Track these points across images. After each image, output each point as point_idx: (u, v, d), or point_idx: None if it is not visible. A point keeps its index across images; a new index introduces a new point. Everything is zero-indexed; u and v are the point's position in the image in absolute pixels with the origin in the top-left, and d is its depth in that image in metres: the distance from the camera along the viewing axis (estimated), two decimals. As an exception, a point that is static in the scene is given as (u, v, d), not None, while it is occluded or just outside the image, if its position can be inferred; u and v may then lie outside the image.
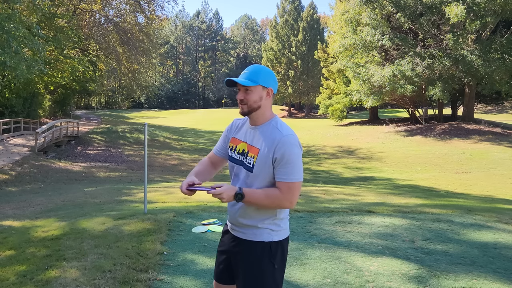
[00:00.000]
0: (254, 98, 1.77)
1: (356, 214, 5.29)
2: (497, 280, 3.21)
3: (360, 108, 41.57)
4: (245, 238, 1.82)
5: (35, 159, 15.13)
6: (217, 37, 77.28)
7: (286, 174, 1.71)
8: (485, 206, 6.48)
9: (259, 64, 1.72)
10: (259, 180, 1.77)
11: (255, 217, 1.79)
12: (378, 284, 3.14)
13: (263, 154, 1.74)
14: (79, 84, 28.81)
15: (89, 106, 58.54)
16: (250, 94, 1.77)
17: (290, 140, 1.72)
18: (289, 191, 1.72)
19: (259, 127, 1.81)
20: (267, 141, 1.75)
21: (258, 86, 1.77)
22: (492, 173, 14.11)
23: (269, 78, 1.80)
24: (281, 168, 1.71)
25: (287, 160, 1.71)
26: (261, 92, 1.79)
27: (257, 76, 1.77)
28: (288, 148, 1.71)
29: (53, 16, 19.82)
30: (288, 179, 1.71)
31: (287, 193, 1.72)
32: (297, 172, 1.73)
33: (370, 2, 22.59)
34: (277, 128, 1.77)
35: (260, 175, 1.76)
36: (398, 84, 22.02)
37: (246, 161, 1.80)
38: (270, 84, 1.80)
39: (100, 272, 3.23)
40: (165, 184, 10.45)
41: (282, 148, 1.70)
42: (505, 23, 22.31)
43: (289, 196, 1.72)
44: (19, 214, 6.33)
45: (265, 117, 1.82)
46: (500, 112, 39.25)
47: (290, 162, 1.71)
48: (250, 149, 1.80)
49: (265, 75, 1.79)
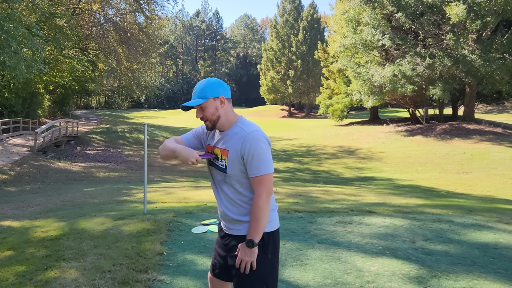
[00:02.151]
0: (211, 111, 1.88)
1: (357, 214, 5.28)
2: (498, 280, 3.20)
3: (361, 108, 41.54)
4: (239, 234, 1.93)
5: (34, 159, 15.12)
6: (217, 36, 77.33)
7: (256, 168, 1.82)
8: (485, 206, 6.47)
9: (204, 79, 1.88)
10: (235, 179, 1.89)
11: (246, 213, 1.91)
12: (379, 284, 3.12)
13: (232, 154, 1.86)
14: (78, 84, 28.83)
15: (89, 106, 58.58)
16: (205, 110, 1.88)
17: (254, 136, 1.83)
18: (262, 184, 1.83)
19: (227, 131, 1.93)
20: (234, 141, 1.87)
21: (209, 99, 1.87)
22: (493, 173, 14.10)
23: (215, 88, 1.88)
24: (250, 164, 1.83)
25: (253, 155, 1.81)
26: (214, 103, 1.88)
27: (204, 92, 1.87)
28: (253, 144, 1.82)
29: (53, 15, 19.79)
30: (258, 173, 1.83)
31: (261, 186, 1.84)
32: (266, 165, 1.84)
33: (371, 2, 22.57)
34: (241, 128, 1.89)
35: (234, 174, 1.88)
36: (399, 84, 22.00)
37: (220, 164, 1.92)
38: (219, 92, 1.89)
39: (100, 273, 3.22)
40: (164, 184, 10.44)
41: (248, 145, 1.82)
42: (505, 23, 22.28)
43: (264, 188, 1.84)
44: (18, 214, 6.32)
45: (230, 121, 1.92)
46: (501, 112, 39.23)
47: (256, 156, 1.82)
48: (222, 153, 1.91)
49: (211, 87, 1.88)
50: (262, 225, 1.86)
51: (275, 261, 1.95)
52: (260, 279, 1.90)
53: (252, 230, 1.85)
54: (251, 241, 1.84)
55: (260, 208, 1.83)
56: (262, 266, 1.89)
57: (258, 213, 1.83)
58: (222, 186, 1.94)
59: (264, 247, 1.90)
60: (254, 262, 1.86)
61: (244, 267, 1.86)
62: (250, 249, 1.85)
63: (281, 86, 47.58)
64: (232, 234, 1.96)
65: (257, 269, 1.88)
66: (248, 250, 1.85)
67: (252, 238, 1.85)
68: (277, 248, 1.97)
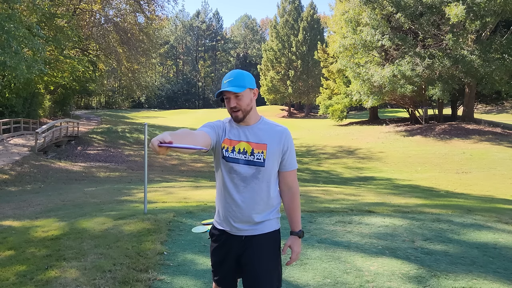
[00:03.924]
0: (247, 102, 1.85)
1: (356, 214, 5.29)
2: (497, 280, 3.21)
3: (360, 108, 41.56)
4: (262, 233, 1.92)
5: (35, 159, 15.13)
6: (217, 37, 77.28)
7: (293, 162, 1.95)
8: (485, 206, 6.48)
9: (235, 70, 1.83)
10: (269, 173, 1.89)
11: (265, 211, 1.92)
12: (378, 284, 3.14)
13: (272, 148, 1.87)
14: (79, 84, 28.80)
15: (89, 106, 58.53)
16: (241, 100, 1.83)
17: (289, 132, 1.95)
18: (296, 176, 1.98)
19: (254, 126, 1.90)
20: (270, 136, 1.89)
21: (247, 89, 1.85)
22: (492, 173, 14.11)
23: (252, 80, 1.89)
24: (290, 158, 1.93)
25: (291, 150, 1.93)
26: (250, 94, 1.87)
27: (243, 81, 1.84)
28: (291, 140, 1.93)
29: (53, 16, 19.81)
30: (295, 166, 1.96)
31: (296, 180, 1.98)
32: (295, 159, 1.99)
33: (370, 2, 22.58)
34: (274, 124, 1.95)
35: (271, 167, 1.88)
36: (398, 84, 22.01)
37: (255, 158, 1.86)
38: (254, 85, 1.91)
39: (100, 272, 3.23)
40: (165, 184, 10.45)
41: (288, 140, 1.91)
42: (505, 23, 22.29)
43: (297, 181, 1.99)
44: (19, 214, 6.33)
45: (256, 116, 1.93)
46: (500, 112, 39.22)
47: (293, 152, 1.95)
48: (255, 147, 1.86)
49: (249, 78, 1.88)
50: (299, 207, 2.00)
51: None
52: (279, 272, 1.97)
53: (299, 220, 1.98)
54: (302, 231, 1.98)
55: (299, 198, 1.98)
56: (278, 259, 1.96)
57: (299, 203, 1.98)
58: (250, 182, 1.85)
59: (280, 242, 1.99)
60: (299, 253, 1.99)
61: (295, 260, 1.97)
62: (300, 239, 1.97)
63: (281, 86, 47.57)
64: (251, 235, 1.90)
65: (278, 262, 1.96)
66: (299, 241, 1.97)
67: (301, 228, 1.98)
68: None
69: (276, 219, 1.95)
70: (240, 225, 1.89)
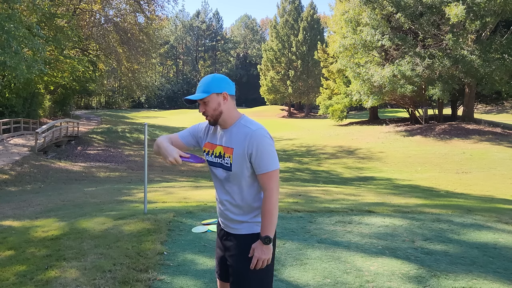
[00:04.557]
0: (213, 107, 1.87)
1: (356, 214, 5.29)
2: (497, 280, 3.21)
3: (360, 108, 41.53)
4: (238, 233, 1.93)
5: (35, 159, 15.13)
6: (217, 37, 77.29)
7: (266, 165, 1.82)
8: (485, 206, 6.48)
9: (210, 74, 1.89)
10: (239, 177, 1.87)
11: (246, 214, 1.91)
12: (378, 284, 3.14)
13: (237, 152, 1.84)
14: (79, 84, 28.81)
15: (89, 106, 58.53)
16: (208, 105, 1.88)
17: (260, 133, 1.83)
18: (272, 180, 1.83)
19: (229, 129, 1.91)
20: (239, 139, 1.85)
21: (212, 94, 1.86)
22: (492, 173, 14.11)
23: (220, 84, 1.88)
24: (260, 161, 1.82)
25: (261, 152, 1.81)
26: (217, 98, 1.87)
27: (208, 86, 1.87)
28: (260, 141, 1.81)
29: (53, 16, 19.81)
30: (268, 169, 1.82)
31: (272, 182, 1.84)
32: (273, 162, 1.83)
33: (370, 2, 22.58)
34: (245, 125, 1.88)
35: (239, 172, 1.86)
36: (398, 84, 22.01)
37: (224, 162, 1.90)
38: (223, 88, 1.88)
39: (100, 272, 3.23)
40: (165, 184, 10.45)
41: (255, 142, 1.81)
42: (505, 23, 22.30)
43: (274, 184, 1.84)
44: (19, 214, 6.33)
45: (233, 118, 1.91)
46: (500, 112, 39.23)
47: (265, 153, 1.81)
48: (225, 151, 1.90)
49: (216, 82, 1.88)
50: (275, 220, 1.86)
51: (273, 261, 1.95)
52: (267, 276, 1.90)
53: (268, 226, 1.83)
54: (268, 237, 1.82)
55: (273, 203, 1.83)
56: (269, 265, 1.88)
57: (272, 208, 1.83)
58: (225, 185, 1.92)
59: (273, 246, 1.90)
60: (269, 259, 1.85)
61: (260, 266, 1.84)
62: (267, 246, 1.83)
63: (281, 86, 47.57)
64: (231, 233, 1.95)
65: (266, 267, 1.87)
66: (265, 248, 1.83)
67: (268, 234, 1.82)
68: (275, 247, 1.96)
69: (255, 223, 1.90)
70: (224, 221, 2.00)
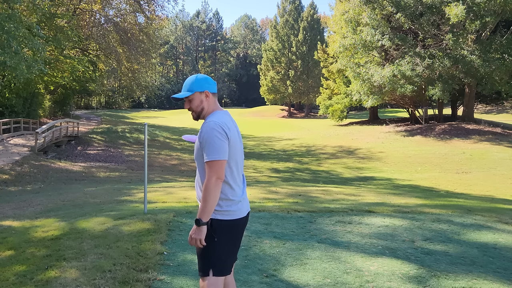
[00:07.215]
0: (196, 103, 2.12)
1: (356, 214, 5.29)
2: (497, 280, 3.21)
3: (360, 108, 41.55)
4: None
5: (35, 159, 15.13)
6: (217, 37, 77.29)
7: (207, 154, 1.99)
8: (485, 206, 6.48)
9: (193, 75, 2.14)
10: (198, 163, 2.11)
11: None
12: (378, 284, 3.14)
13: (196, 141, 2.10)
14: (79, 84, 28.81)
15: (89, 106, 58.54)
16: (192, 102, 2.12)
17: (208, 125, 2.01)
18: (211, 169, 1.97)
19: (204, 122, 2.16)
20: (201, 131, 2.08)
21: (195, 93, 2.11)
22: (492, 173, 14.11)
23: (201, 83, 2.12)
24: (204, 150, 2.01)
25: (205, 142, 2.00)
26: (200, 96, 2.12)
27: (191, 86, 2.11)
28: (207, 132, 2.00)
29: (53, 16, 19.80)
30: (208, 159, 1.98)
31: (211, 171, 1.97)
32: (213, 152, 1.97)
33: (370, 2, 22.58)
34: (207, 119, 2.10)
35: (197, 159, 2.11)
36: (398, 84, 22.01)
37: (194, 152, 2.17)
38: (204, 87, 2.11)
39: (100, 272, 3.23)
40: (165, 184, 10.45)
41: (203, 133, 2.02)
42: (505, 23, 22.30)
43: (213, 173, 1.97)
44: (19, 214, 6.33)
45: (209, 113, 2.14)
46: (500, 112, 39.24)
47: (208, 143, 1.99)
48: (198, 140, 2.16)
49: (198, 82, 2.12)
50: (210, 206, 1.98)
51: (225, 245, 2.07)
52: (207, 260, 2.06)
53: (200, 210, 1.99)
54: (198, 220, 1.98)
55: (208, 189, 1.96)
56: (208, 248, 2.03)
57: (206, 195, 1.97)
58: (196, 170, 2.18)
59: (212, 231, 2.03)
60: (202, 240, 1.99)
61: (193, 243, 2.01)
62: (198, 227, 1.98)
63: (281, 86, 47.57)
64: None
65: (205, 249, 2.04)
66: (196, 228, 1.99)
67: (200, 217, 1.98)
68: (231, 235, 2.08)
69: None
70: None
